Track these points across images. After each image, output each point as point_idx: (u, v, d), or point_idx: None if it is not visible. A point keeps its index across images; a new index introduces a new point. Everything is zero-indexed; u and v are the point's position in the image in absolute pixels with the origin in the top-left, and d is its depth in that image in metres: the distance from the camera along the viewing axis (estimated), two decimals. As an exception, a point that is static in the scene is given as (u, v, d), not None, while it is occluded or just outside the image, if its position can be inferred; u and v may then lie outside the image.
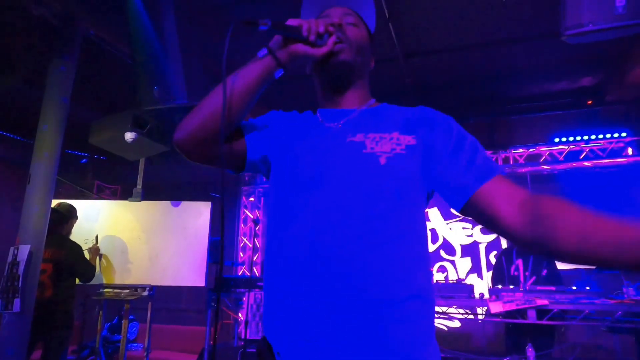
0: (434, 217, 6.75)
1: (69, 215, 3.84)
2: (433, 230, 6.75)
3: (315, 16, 1.05)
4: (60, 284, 3.46)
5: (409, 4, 3.99)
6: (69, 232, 3.84)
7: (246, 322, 4.68)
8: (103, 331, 4.41)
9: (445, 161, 0.91)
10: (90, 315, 6.12)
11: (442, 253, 6.65)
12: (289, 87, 4.15)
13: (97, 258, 4.18)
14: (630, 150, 5.59)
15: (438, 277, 6.33)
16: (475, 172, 0.87)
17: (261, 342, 0.88)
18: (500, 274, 4.43)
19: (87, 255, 4.02)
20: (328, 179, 0.87)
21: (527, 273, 4.21)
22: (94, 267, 3.96)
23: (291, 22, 0.90)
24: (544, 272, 4.15)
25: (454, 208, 0.92)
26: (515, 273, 4.30)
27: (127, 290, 4.26)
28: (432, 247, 6.71)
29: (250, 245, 7.19)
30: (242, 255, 7.16)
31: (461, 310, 4.38)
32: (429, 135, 0.93)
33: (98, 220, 4.62)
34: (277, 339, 0.83)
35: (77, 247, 3.72)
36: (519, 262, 4.32)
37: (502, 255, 4.59)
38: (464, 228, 6.59)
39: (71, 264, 3.58)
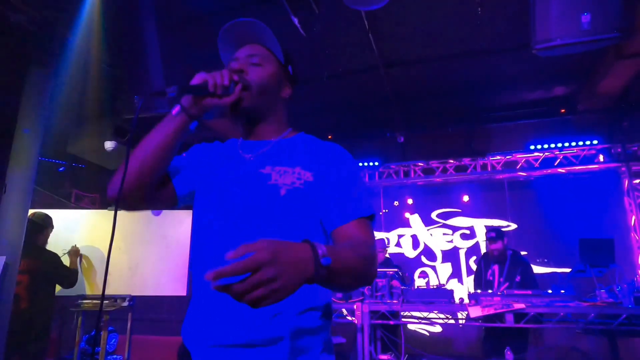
0: (415, 223, 6.84)
1: (45, 224, 3.76)
2: (414, 237, 6.84)
3: (230, 55, 1.15)
4: (37, 295, 3.38)
5: (388, 16, 4.08)
6: (45, 242, 3.76)
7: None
8: (81, 343, 4.31)
9: (330, 197, 1.02)
10: (68, 327, 5.98)
11: (423, 259, 6.73)
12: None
13: (77, 260, 4.11)
14: (601, 157, 5.80)
15: (419, 282, 6.41)
16: (338, 213, 1.00)
17: (180, 347, 1.02)
18: (479, 278, 4.53)
19: (66, 260, 3.95)
20: (235, 206, 1.00)
21: (501, 279, 4.32)
22: (76, 271, 3.91)
23: (197, 79, 0.99)
24: (518, 277, 4.27)
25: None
26: (491, 278, 4.40)
27: (107, 301, 4.18)
28: (413, 253, 6.80)
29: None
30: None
31: (442, 315, 4.44)
32: (326, 172, 1.04)
33: (77, 230, 4.53)
34: (190, 344, 0.99)
35: (53, 256, 3.65)
36: (495, 267, 4.42)
37: (482, 259, 4.69)
38: (444, 234, 6.70)
39: (50, 273, 3.51)
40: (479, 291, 4.18)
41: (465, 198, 6.60)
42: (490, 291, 4.10)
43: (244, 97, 1.04)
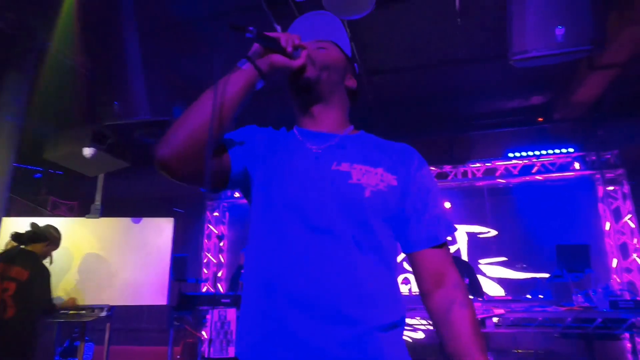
0: (398, 230, 6.89)
1: (50, 238, 3.53)
2: (397, 243, 6.88)
3: None
4: (23, 305, 3.15)
5: (370, 24, 4.14)
6: (46, 254, 3.53)
7: (210, 341, 4.58)
8: (56, 356, 4.19)
9: (410, 211, 0.97)
10: (43, 338, 5.80)
11: (405, 265, 6.78)
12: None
13: (68, 307, 3.91)
14: (577, 165, 5.96)
15: (402, 288, 6.44)
16: (421, 236, 0.96)
17: None
18: None
19: (64, 298, 3.79)
20: (315, 205, 0.89)
21: None
22: (57, 310, 3.61)
23: (269, 34, 0.91)
24: (467, 280, 4.39)
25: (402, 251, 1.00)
26: None
27: (84, 311, 4.07)
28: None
29: (215, 262, 7.07)
30: (206, 271, 7.02)
31: (424, 322, 4.48)
32: (408, 179, 0.98)
33: (53, 238, 4.41)
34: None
35: (43, 271, 3.37)
36: None
37: None
38: (426, 240, 6.76)
39: (31, 286, 3.25)
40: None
41: (447, 205, 6.69)
42: (471, 297, 4.16)
43: (308, 68, 0.97)
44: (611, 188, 5.88)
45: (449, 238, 0.99)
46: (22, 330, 3.16)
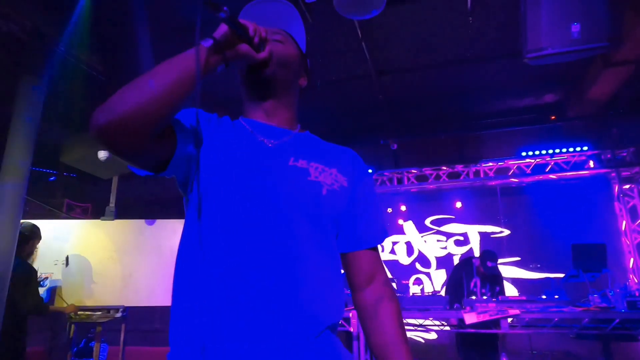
0: (409, 230, 6.86)
1: (31, 235, 3.47)
2: (408, 243, 6.86)
3: None
4: (8, 311, 3.08)
5: (381, 24, 4.13)
6: (31, 253, 3.51)
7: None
8: (72, 357, 4.24)
9: (353, 213, 1.00)
10: (60, 339, 5.88)
11: (418, 266, 6.75)
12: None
13: (65, 311, 3.88)
14: (591, 163, 5.87)
15: (414, 289, 6.41)
16: (359, 237, 1.00)
17: None
18: (459, 286, 4.46)
19: (60, 302, 3.78)
20: (273, 200, 0.86)
21: (483, 290, 4.39)
22: (46, 308, 3.40)
23: (241, 20, 0.87)
24: (497, 288, 4.37)
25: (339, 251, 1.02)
26: (474, 289, 4.43)
27: (99, 312, 4.13)
28: (407, 260, 6.81)
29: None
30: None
31: (437, 322, 4.45)
32: (355, 183, 1.01)
33: (69, 240, 4.48)
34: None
35: (29, 270, 3.29)
36: (477, 280, 4.47)
37: (462, 268, 4.64)
38: (438, 240, 6.72)
39: (19, 285, 3.14)
40: (473, 297, 4.19)
41: (458, 204, 6.64)
42: (484, 297, 4.13)
43: (270, 63, 0.93)
44: (627, 186, 5.78)
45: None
46: (8, 332, 3.05)
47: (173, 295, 0.87)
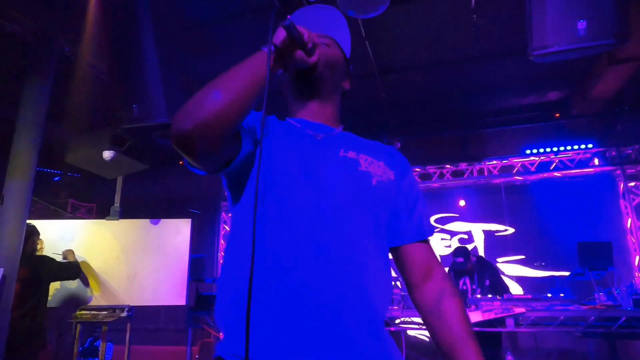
0: (413, 228, 6.85)
1: (29, 234, 3.54)
2: (412, 242, 6.84)
3: None
4: (26, 304, 3.27)
5: (384, 22, 4.12)
6: (34, 250, 3.62)
7: (228, 340, 4.61)
8: (78, 356, 4.26)
9: (402, 207, 1.00)
10: (65, 338, 5.92)
11: (422, 264, 6.74)
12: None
13: (74, 256, 4.06)
14: (596, 161, 5.85)
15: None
16: (412, 229, 1.00)
17: None
18: None
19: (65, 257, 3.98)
20: (327, 188, 0.88)
21: (473, 286, 4.40)
22: (76, 262, 3.92)
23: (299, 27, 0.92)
24: (487, 282, 4.36)
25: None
26: (464, 287, 4.44)
27: (105, 312, 4.14)
28: (411, 259, 6.80)
29: (231, 262, 7.10)
30: (222, 271, 7.06)
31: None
32: (402, 177, 1.02)
33: (74, 240, 4.50)
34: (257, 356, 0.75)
35: (44, 258, 3.60)
36: (466, 278, 4.48)
37: (451, 271, 4.67)
38: (442, 239, 6.71)
39: (48, 276, 3.50)
40: (478, 296, 4.19)
41: (462, 203, 6.63)
42: (489, 296, 4.13)
43: (319, 66, 0.98)
44: (632, 184, 5.76)
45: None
46: (30, 327, 3.26)
47: (221, 284, 0.89)
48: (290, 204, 0.87)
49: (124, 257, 4.49)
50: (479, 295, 4.22)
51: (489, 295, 4.12)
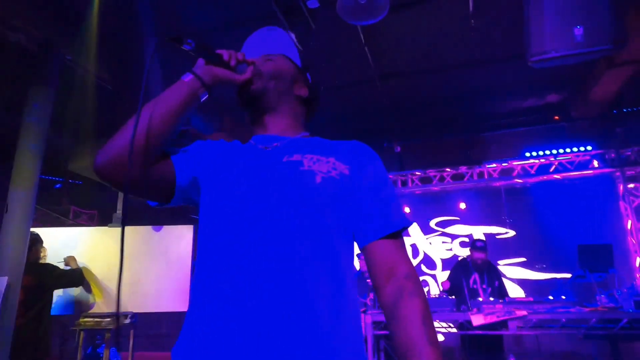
0: (414, 232, 6.87)
1: (33, 242, 3.61)
2: (414, 245, 6.86)
3: None
4: (30, 312, 3.32)
5: (383, 29, 4.16)
6: (38, 259, 3.69)
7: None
8: (81, 363, 4.26)
9: (362, 201, 0.93)
10: (69, 346, 5.92)
11: (423, 267, 6.75)
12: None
13: (76, 263, 4.10)
14: (596, 163, 5.88)
15: (420, 291, 6.40)
16: (375, 225, 0.91)
17: None
18: (459, 286, 4.45)
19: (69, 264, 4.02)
20: (264, 194, 0.86)
21: (484, 285, 4.38)
22: (79, 269, 3.97)
23: (219, 51, 0.96)
24: (496, 283, 4.36)
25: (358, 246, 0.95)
26: (474, 286, 4.43)
27: (108, 319, 4.15)
28: (413, 262, 6.79)
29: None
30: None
31: (444, 324, 4.45)
32: (359, 170, 0.95)
33: (75, 247, 4.50)
34: None
35: (48, 266, 3.64)
36: (476, 275, 4.45)
37: (458, 267, 4.63)
38: (443, 242, 6.73)
39: (52, 283, 3.55)
40: (480, 299, 4.20)
41: (463, 206, 6.65)
42: (480, 299, 4.12)
43: (255, 80, 1.01)
44: (632, 185, 5.78)
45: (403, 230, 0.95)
46: (35, 334, 3.31)
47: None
48: (226, 219, 0.86)
49: (127, 264, 4.50)
50: (491, 298, 4.21)
51: (491, 299, 4.13)
